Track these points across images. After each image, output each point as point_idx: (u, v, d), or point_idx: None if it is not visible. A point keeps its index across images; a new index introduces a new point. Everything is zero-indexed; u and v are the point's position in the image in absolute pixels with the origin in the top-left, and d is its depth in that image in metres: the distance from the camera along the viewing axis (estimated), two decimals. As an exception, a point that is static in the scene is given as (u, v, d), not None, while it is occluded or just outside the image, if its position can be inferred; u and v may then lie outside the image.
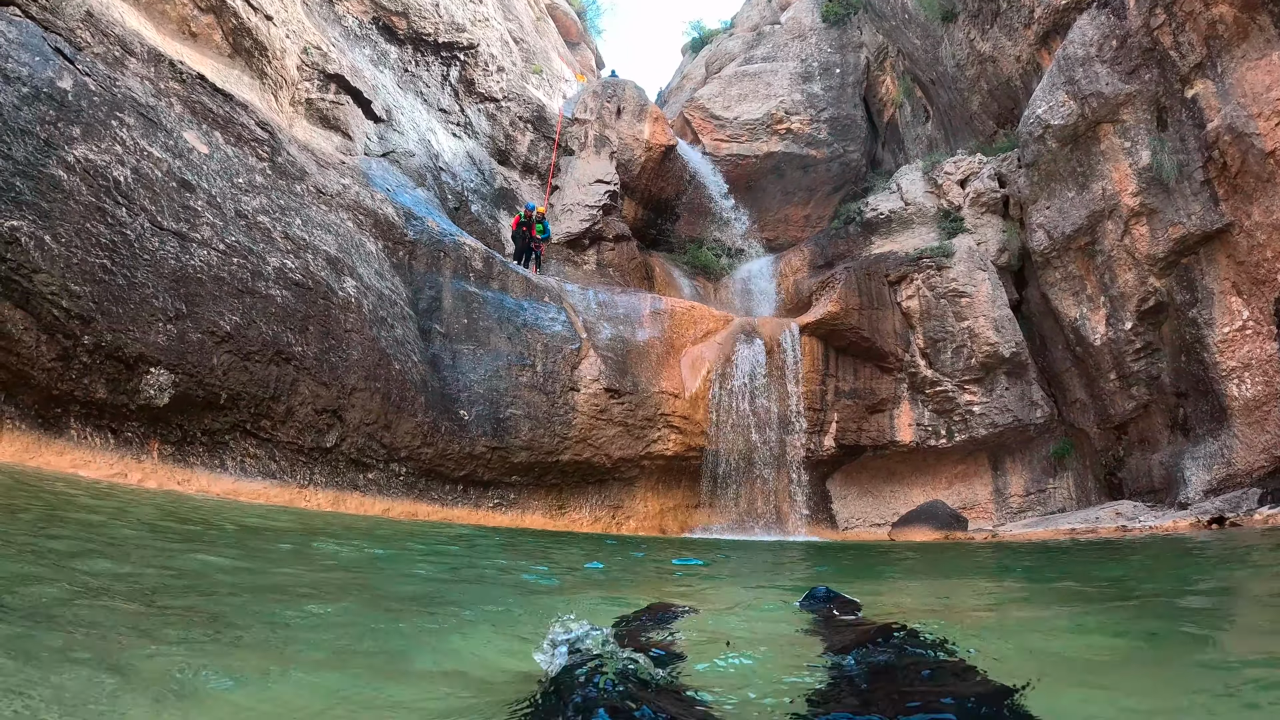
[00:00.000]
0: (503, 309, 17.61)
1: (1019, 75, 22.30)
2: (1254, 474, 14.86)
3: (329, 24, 20.40)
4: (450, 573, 7.15)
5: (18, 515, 5.86)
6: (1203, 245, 15.90)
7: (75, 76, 10.67)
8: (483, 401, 16.09)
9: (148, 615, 3.56)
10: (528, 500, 16.90)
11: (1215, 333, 15.65)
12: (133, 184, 10.74)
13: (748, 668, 3.43)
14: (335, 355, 13.25)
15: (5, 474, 7.75)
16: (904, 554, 13.08)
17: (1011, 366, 20.53)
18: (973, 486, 21.46)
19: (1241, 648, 4.12)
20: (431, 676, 3.21)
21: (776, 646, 4.15)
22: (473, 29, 24.56)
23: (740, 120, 29.58)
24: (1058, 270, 19.37)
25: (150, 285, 10.51)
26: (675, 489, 19.49)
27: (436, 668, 3.36)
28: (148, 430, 10.64)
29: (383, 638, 3.85)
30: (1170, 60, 15.89)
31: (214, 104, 13.52)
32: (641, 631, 4.19)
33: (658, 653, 3.31)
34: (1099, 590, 6.98)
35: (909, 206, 24.59)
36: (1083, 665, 3.64)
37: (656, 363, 19.44)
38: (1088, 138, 17.96)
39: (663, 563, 10.49)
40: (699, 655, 3.55)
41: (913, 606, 6.20)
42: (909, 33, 27.42)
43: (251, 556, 6.04)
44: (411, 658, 3.51)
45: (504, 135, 25.52)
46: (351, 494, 13.31)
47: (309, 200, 14.66)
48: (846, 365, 21.90)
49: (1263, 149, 14.23)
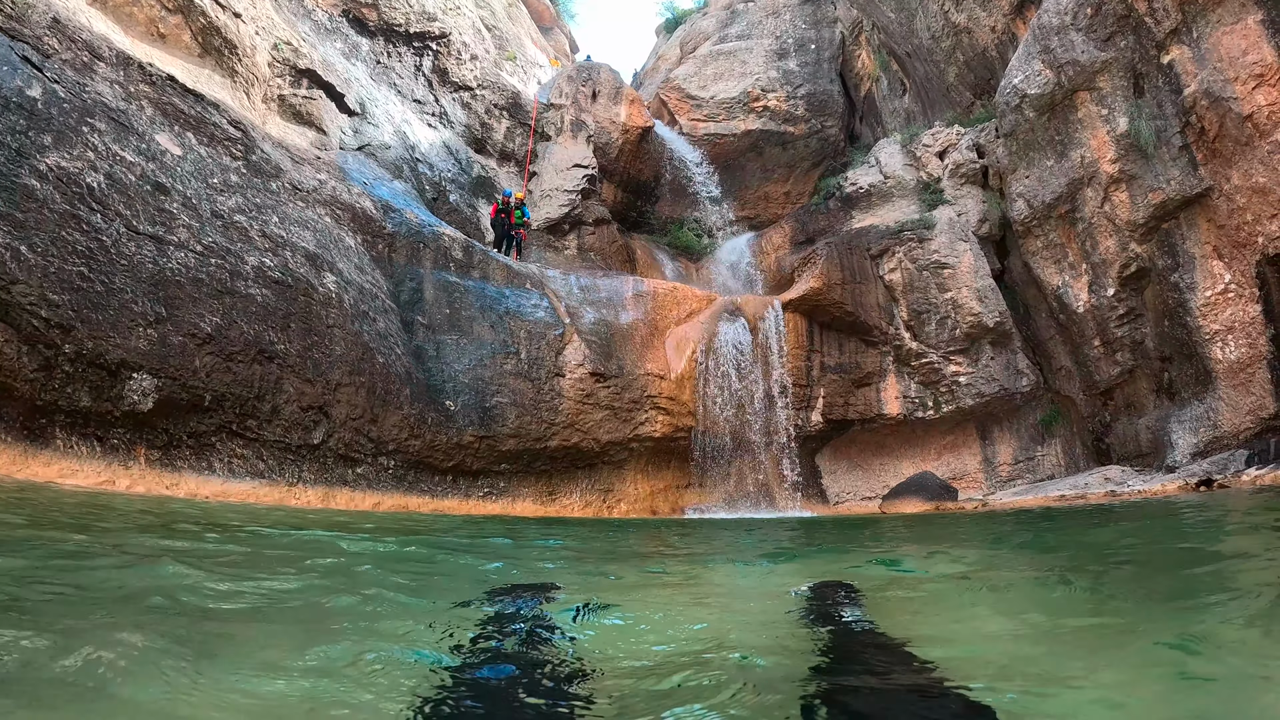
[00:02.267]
0: (485, 298, 17.57)
1: (994, 46, 22.28)
2: (1240, 435, 14.96)
3: (299, 18, 20.23)
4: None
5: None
6: (1183, 210, 15.93)
7: (44, 84, 10.58)
8: (468, 391, 16.08)
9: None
10: (518, 488, 16.91)
11: (1198, 297, 15.71)
12: (107, 189, 10.67)
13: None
14: (318, 351, 13.21)
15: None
16: (895, 527, 13.15)
17: (996, 336, 20.59)
18: (961, 457, 21.55)
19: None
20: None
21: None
22: (444, 18, 24.41)
23: (717, 99, 29.51)
24: (1039, 239, 19.40)
25: (129, 290, 10.46)
26: (665, 470, 19.52)
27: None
28: (134, 436, 10.61)
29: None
30: (1146, 26, 15.88)
31: (185, 105, 13.40)
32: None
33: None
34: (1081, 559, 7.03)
35: (888, 180, 24.57)
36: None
37: (641, 345, 19.44)
38: (1065, 106, 17.96)
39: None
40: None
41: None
42: (883, 6, 27.34)
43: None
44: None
45: (480, 124, 25.40)
46: (341, 489, 13.30)
47: (285, 197, 14.58)
48: (831, 340, 21.94)
49: (1240, 113, 14.24)
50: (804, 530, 13.42)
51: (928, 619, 4.61)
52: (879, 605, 4.87)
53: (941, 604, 5.19)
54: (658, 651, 3.67)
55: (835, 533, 12.68)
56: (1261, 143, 14.08)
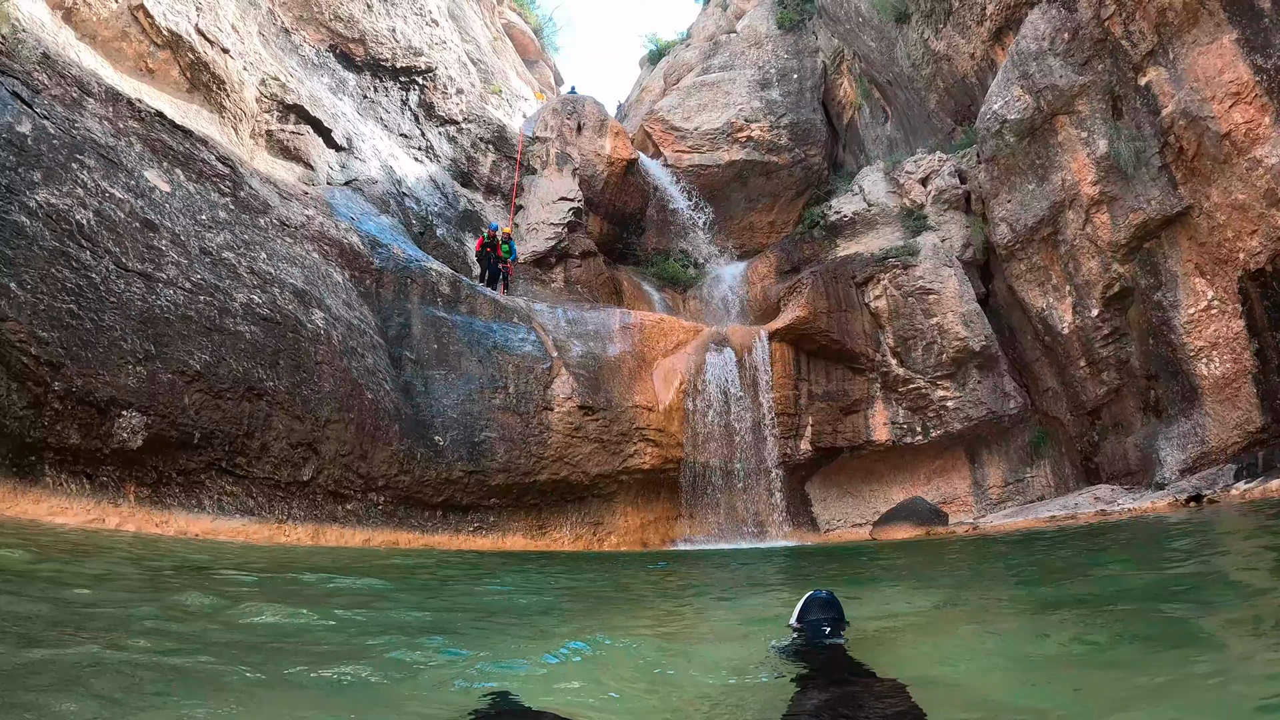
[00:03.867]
0: (472, 332, 17.57)
1: (974, 72, 22.53)
2: (1228, 450, 15.06)
3: (286, 54, 20.31)
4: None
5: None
6: (1164, 229, 16.11)
7: (34, 120, 10.62)
8: (457, 426, 16.05)
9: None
10: (508, 522, 16.83)
11: (1181, 314, 15.86)
12: (96, 226, 10.69)
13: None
14: (307, 388, 13.20)
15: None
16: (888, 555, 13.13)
17: (982, 360, 20.69)
18: (951, 481, 21.58)
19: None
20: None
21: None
22: (430, 52, 24.55)
23: (701, 130, 29.63)
24: (1022, 262, 19.56)
25: (118, 328, 10.45)
26: (655, 502, 19.46)
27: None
28: (123, 473, 10.56)
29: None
30: (1122, 49, 16.11)
31: (174, 141, 13.45)
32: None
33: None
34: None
35: (872, 207, 24.75)
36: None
37: (629, 377, 19.42)
38: (1045, 130, 18.17)
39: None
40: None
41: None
42: (864, 35, 27.66)
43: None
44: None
45: (466, 157, 25.49)
46: (331, 526, 13.25)
47: (273, 233, 14.61)
48: (818, 368, 21.99)
49: (1218, 131, 14.43)
50: (793, 561, 13.37)
51: (916, 657, 4.55)
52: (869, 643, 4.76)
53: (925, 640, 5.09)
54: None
55: (823, 562, 12.64)
56: (1239, 160, 14.26)
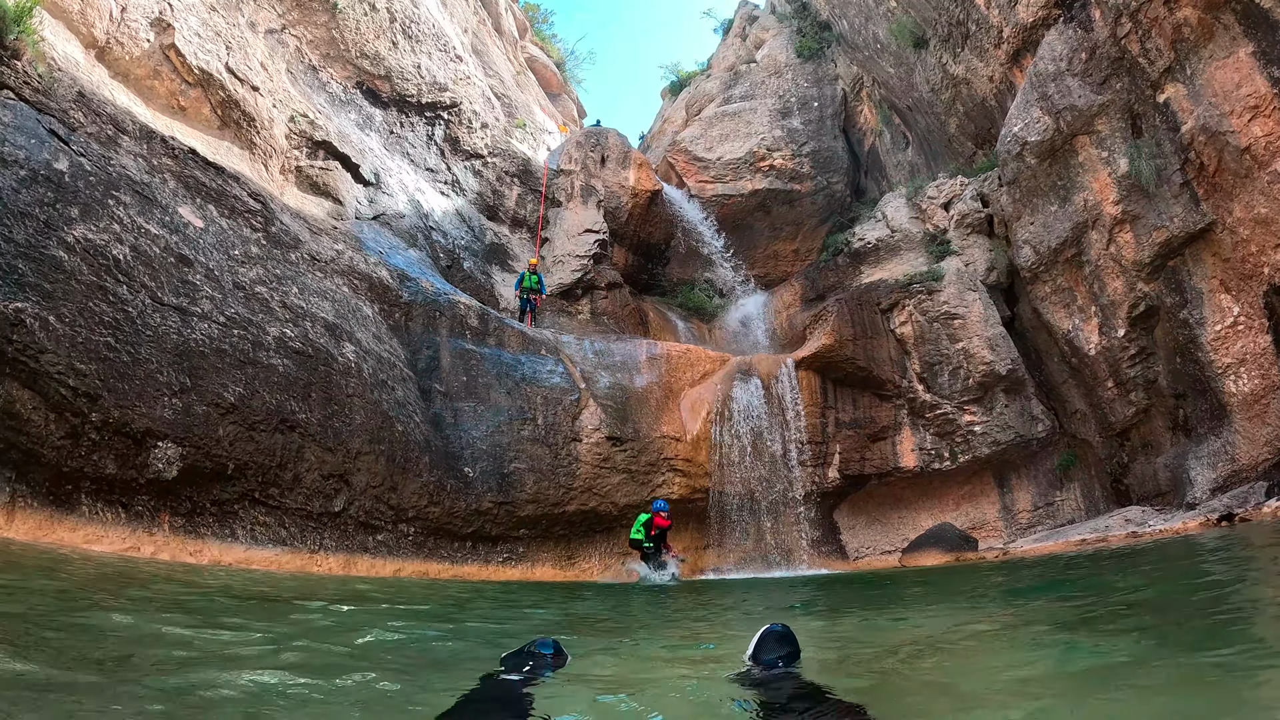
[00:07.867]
0: (500, 364, 17.74)
1: (993, 95, 22.60)
2: (1259, 467, 14.86)
3: (314, 91, 20.69)
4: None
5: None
6: (1187, 246, 16.03)
7: (71, 157, 10.88)
8: (486, 458, 16.17)
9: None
10: (537, 553, 16.89)
11: (1208, 331, 15.74)
12: (132, 261, 10.92)
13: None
14: (339, 420, 13.36)
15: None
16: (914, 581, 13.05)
17: (1009, 383, 20.61)
18: (980, 506, 21.43)
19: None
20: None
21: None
22: (455, 88, 24.92)
23: (723, 160, 29.83)
24: (1047, 284, 19.49)
25: (154, 360, 10.64)
26: (683, 531, 19.42)
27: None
28: (158, 503, 10.71)
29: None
30: (1140, 67, 16.12)
31: (206, 177, 13.73)
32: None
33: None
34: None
35: (895, 233, 24.78)
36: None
37: (656, 407, 19.51)
38: (1065, 151, 18.17)
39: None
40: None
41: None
42: (882, 61, 27.80)
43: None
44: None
45: (491, 191, 25.79)
46: (362, 556, 13.34)
47: (304, 268, 14.85)
48: (845, 396, 21.97)
49: (1238, 145, 14.38)
50: (823, 591, 13.29)
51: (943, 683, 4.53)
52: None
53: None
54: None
55: (852, 593, 12.55)
56: (1261, 174, 14.19)
